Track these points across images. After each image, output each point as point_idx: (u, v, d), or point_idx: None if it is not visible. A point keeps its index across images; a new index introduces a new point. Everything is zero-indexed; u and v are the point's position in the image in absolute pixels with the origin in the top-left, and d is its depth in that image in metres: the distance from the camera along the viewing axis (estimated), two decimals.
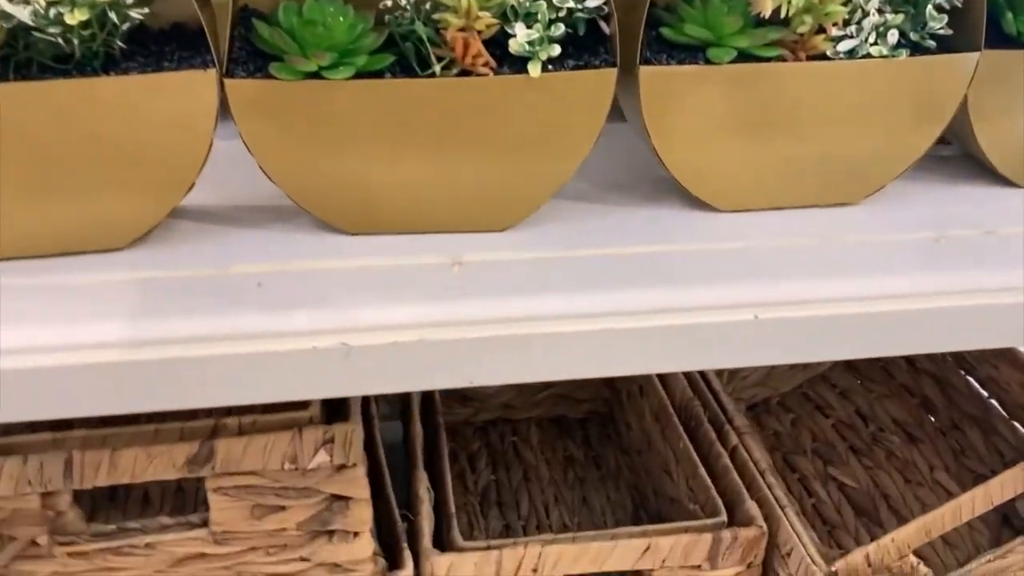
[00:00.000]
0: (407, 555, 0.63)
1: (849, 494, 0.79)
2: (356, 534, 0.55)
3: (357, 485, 0.53)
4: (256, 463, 0.51)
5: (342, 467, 0.52)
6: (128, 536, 0.52)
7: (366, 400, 0.76)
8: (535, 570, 0.64)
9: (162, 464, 0.50)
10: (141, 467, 0.49)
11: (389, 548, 0.64)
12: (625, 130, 0.62)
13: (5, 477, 0.48)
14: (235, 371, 0.40)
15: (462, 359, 0.43)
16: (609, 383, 0.94)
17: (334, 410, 0.56)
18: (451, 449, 0.91)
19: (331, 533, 0.55)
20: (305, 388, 0.42)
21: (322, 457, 0.51)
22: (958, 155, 0.69)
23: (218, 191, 0.55)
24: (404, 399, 0.78)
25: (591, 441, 0.93)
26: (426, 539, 0.64)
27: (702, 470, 0.71)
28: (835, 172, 0.59)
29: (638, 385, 0.85)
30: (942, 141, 0.60)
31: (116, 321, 0.41)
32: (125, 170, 0.47)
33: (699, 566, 0.66)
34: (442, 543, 0.65)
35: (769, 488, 0.69)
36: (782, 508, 0.67)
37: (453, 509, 0.67)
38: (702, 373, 0.81)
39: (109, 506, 0.64)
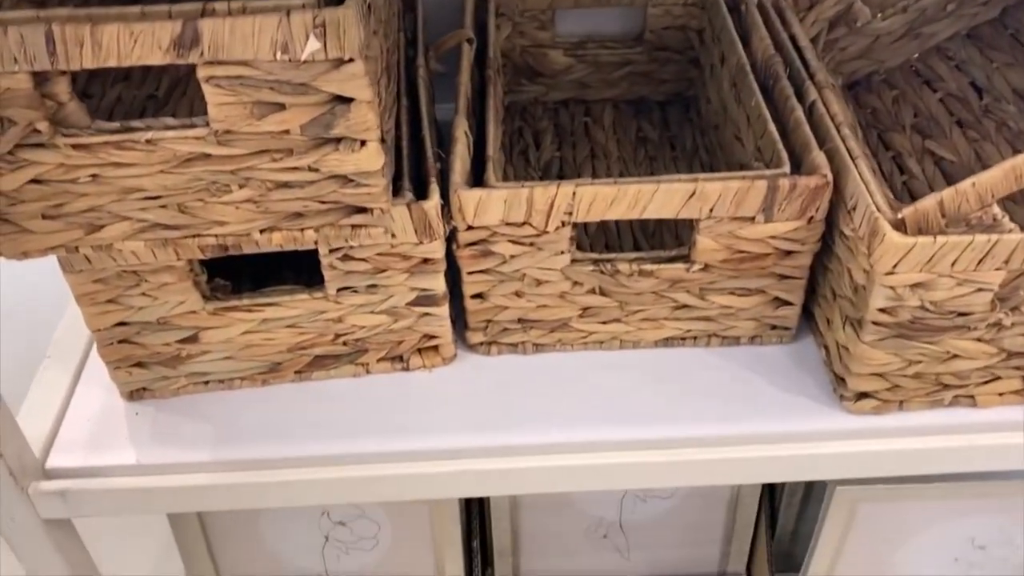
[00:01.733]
0: (434, 187, 0.60)
1: (946, 169, 0.70)
2: (363, 143, 0.52)
3: (358, 84, 0.49)
4: (246, 50, 0.47)
5: (340, 62, 0.48)
6: (131, 132, 0.51)
7: (411, 46, 0.71)
8: (569, 212, 0.60)
9: (147, 45, 0.47)
10: (125, 47, 0.47)
11: (423, 189, 0.61)
12: None
13: None
14: None
15: None
16: (694, 61, 0.85)
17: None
18: (517, 128, 0.86)
19: (337, 141, 0.52)
20: None
21: (314, 44, 0.47)
22: None
23: None
24: (458, 57, 0.72)
25: (669, 123, 0.86)
26: (457, 175, 0.61)
27: (771, 125, 0.64)
28: None
29: (720, 52, 0.77)
30: None
31: None
32: None
33: (752, 218, 0.60)
34: (479, 186, 0.62)
35: (843, 140, 0.61)
36: (853, 159, 0.60)
37: (492, 152, 0.63)
38: (788, 30, 0.72)
39: None
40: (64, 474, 0.62)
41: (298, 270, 0.65)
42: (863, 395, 0.63)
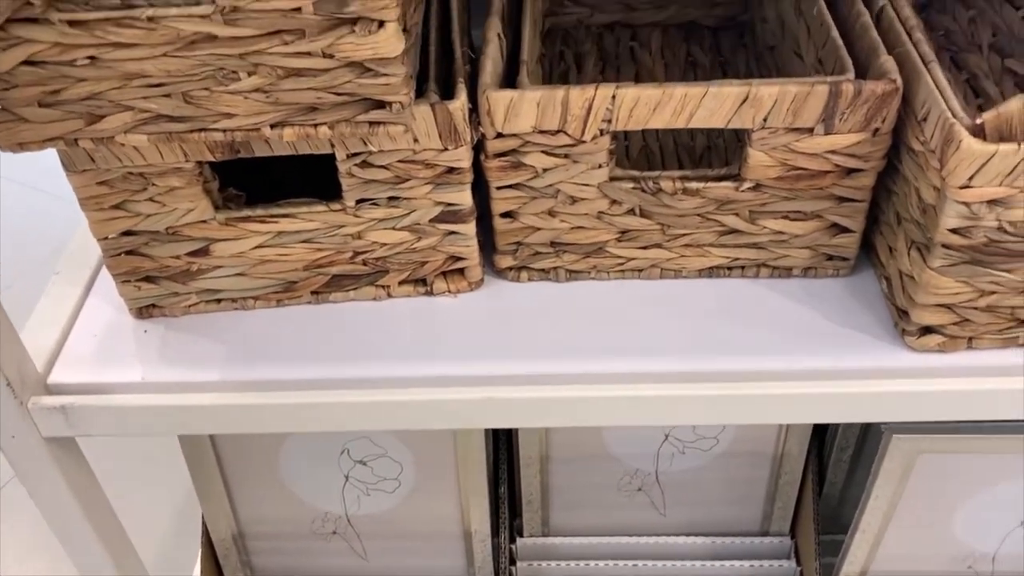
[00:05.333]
0: (461, 87, 0.55)
1: None
2: (381, 24, 0.47)
3: None
4: None
5: None
6: (131, 9, 0.47)
7: None
8: (608, 120, 0.55)
9: None
10: None
11: (450, 90, 0.56)
12: None
13: None
14: None
15: None
16: None
17: None
18: (559, 51, 0.81)
19: (353, 23, 0.47)
20: None
21: None
22: None
23: None
24: None
25: (721, 48, 0.80)
26: (487, 76, 0.56)
27: (835, 31, 0.59)
28: None
29: None
30: None
31: None
32: None
33: (811, 129, 0.55)
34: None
35: (915, 45, 0.55)
36: (926, 64, 0.54)
37: (526, 57, 0.58)
38: None
39: None
40: (66, 390, 0.59)
41: (317, 188, 0.61)
42: (927, 330, 0.57)
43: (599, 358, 0.58)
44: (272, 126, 0.51)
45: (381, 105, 0.51)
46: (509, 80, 0.59)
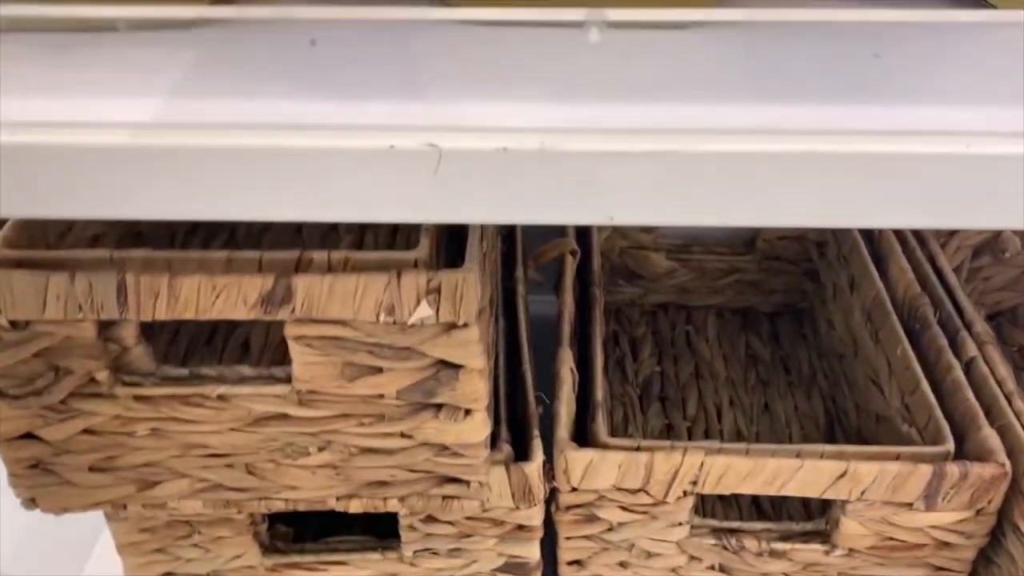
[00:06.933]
0: (537, 444, 0.52)
1: None
2: (468, 412, 0.44)
3: (470, 351, 0.42)
4: (345, 310, 0.40)
5: (452, 326, 0.41)
6: (200, 384, 0.44)
7: (508, 255, 0.65)
8: (695, 483, 0.51)
9: (230, 299, 0.40)
10: (206, 301, 0.40)
11: (520, 438, 0.53)
12: None
13: (51, 296, 0.40)
14: (257, 172, 0.29)
15: (600, 181, 0.30)
16: (811, 274, 0.78)
17: (450, 257, 0.44)
18: (612, 332, 0.79)
19: (437, 407, 0.44)
20: (374, 208, 0.30)
21: (425, 310, 0.40)
22: None
23: None
24: (558, 267, 0.66)
25: (780, 339, 0.78)
26: (563, 428, 0.53)
27: (925, 384, 0.56)
28: None
29: (849, 276, 0.69)
30: None
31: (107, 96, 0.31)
32: None
33: (910, 504, 0.51)
34: (584, 436, 0.54)
35: (1017, 415, 0.52)
36: None
37: (600, 396, 0.55)
38: (935, 266, 0.64)
39: (205, 351, 0.56)
40: None
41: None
42: None
43: None
44: (338, 498, 0.47)
45: (456, 480, 0.47)
46: (580, 417, 0.55)
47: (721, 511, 0.63)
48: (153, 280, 0.40)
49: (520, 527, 0.53)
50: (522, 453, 0.52)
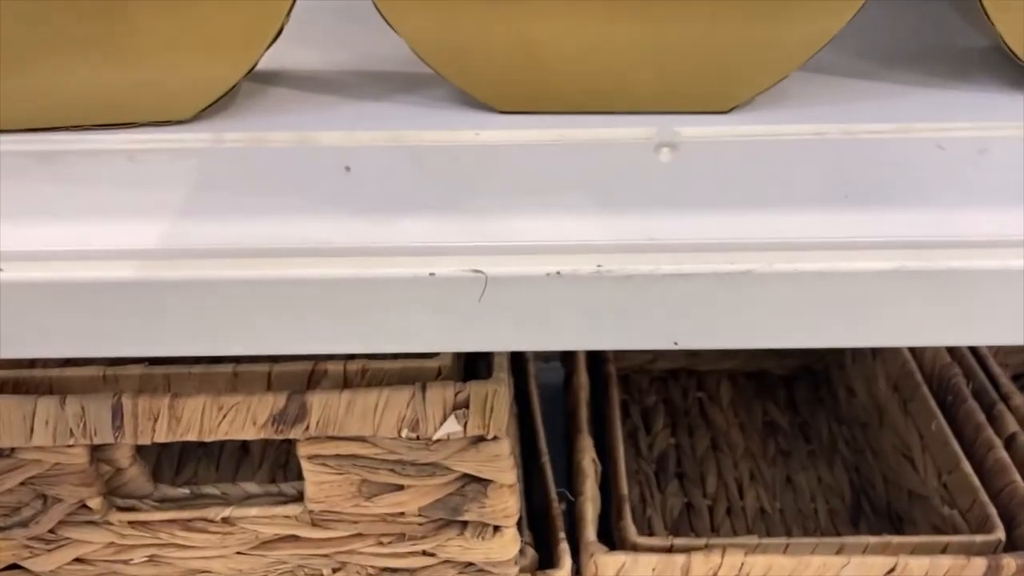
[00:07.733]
0: (563, 549, 0.48)
1: None
2: (497, 528, 0.40)
3: (500, 465, 0.38)
4: (364, 427, 0.37)
5: (479, 439, 0.38)
6: (202, 506, 0.40)
7: None
8: None
9: (238, 420, 0.36)
10: (211, 422, 0.36)
11: (542, 536, 0.49)
12: None
13: (39, 422, 0.36)
14: (294, 304, 0.26)
15: (662, 306, 0.27)
16: None
17: (471, 360, 0.41)
18: (622, 402, 0.75)
19: (463, 524, 0.41)
20: (412, 337, 0.27)
21: (452, 426, 0.37)
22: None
23: (322, 51, 0.39)
24: None
25: (797, 404, 0.75)
26: (589, 529, 0.49)
27: (966, 464, 0.53)
28: None
29: None
30: None
31: (128, 222, 0.27)
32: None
33: None
34: (609, 533, 0.50)
35: None
36: None
37: (626, 491, 0.52)
38: None
39: (200, 453, 0.52)
40: None
41: None
42: None
43: None
44: None
45: None
46: (604, 505, 0.52)
47: None
48: (152, 402, 0.36)
49: None
50: (546, 556, 0.48)
